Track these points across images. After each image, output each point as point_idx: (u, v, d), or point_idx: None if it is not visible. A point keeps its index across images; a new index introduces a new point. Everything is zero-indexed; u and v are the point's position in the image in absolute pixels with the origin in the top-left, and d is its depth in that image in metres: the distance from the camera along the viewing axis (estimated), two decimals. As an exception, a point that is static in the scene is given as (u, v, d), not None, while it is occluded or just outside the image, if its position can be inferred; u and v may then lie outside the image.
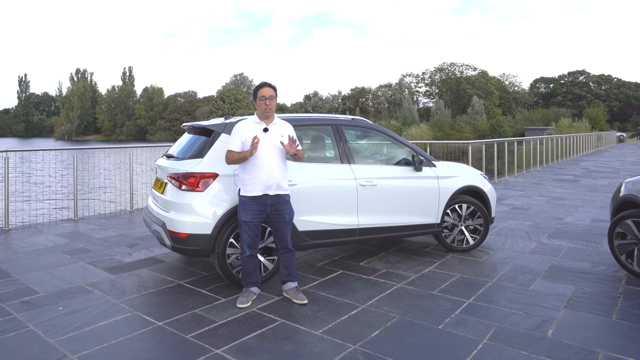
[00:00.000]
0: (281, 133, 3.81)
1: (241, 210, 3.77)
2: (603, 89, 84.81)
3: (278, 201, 3.78)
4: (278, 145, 3.77)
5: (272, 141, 3.77)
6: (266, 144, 3.74)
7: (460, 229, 5.32)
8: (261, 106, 3.78)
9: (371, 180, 4.73)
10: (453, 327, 3.31)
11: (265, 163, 3.72)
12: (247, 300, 3.77)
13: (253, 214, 3.73)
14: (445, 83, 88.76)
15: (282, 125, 3.89)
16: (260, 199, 3.73)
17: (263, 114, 3.82)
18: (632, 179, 4.73)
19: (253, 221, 3.73)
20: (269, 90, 3.81)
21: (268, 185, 3.73)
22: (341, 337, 3.15)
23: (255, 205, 3.73)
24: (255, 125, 3.82)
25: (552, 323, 3.35)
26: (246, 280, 3.87)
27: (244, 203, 3.76)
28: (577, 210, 8.00)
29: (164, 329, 3.32)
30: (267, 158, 3.73)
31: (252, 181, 3.73)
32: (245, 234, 3.75)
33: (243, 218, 3.74)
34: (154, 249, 5.52)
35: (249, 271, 3.83)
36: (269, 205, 3.76)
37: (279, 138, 3.77)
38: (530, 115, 58.44)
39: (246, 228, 3.74)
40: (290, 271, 3.90)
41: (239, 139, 3.77)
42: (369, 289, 4.10)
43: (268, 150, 3.74)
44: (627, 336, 3.15)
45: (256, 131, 3.77)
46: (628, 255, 4.45)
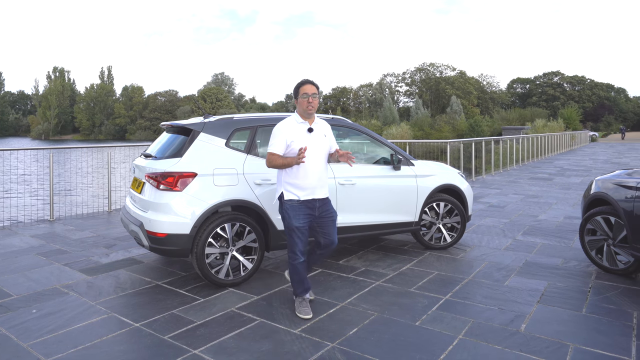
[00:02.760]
0: (324, 133, 3.62)
1: (292, 216, 3.50)
2: (577, 89, 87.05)
3: (324, 202, 3.59)
4: (323, 147, 3.58)
5: (317, 142, 3.55)
6: (312, 146, 3.49)
7: (437, 227, 5.40)
8: (303, 104, 3.52)
9: (350, 179, 4.77)
10: (430, 323, 3.37)
11: (314, 166, 3.50)
12: (310, 309, 3.55)
13: (304, 218, 3.51)
14: (425, 83, 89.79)
15: (322, 124, 3.69)
16: (310, 202, 3.53)
17: (305, 112, 3.54)
18: (602, 177, 4.88)
19: (304, 226, 3.52)
20: (311, 88, 3.55)
21: (317, 189, 3.54)
22: (319, 336, 3.17)
23: (306, 209, 3.51)
24: (298, 125, 3.55)
25: (525, 318, 3.44)
26: (301, 288, 3.62)
27: (294, 208, 3.50)
28: (551, 208, 8.21)
29: (141, 330, 3.29)
30: (315, 160, 3.50)
31: (301, 185, 3.49)
32: (299, 240, 3.52)
33: (295, 224, 3.49)
34: (132, 249, 5.45)
35: (302, 278, 3.60)
36: (317, 208, 3.55)
37: (322, 138, 3.58)
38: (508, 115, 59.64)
39: (299, 234, 3.51)
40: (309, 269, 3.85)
41: (283, 141, 3.48)
42: (348, 287, 4.13)
43: (315, 152, 3.50)
44: (596, 329, 3.25)
45: (300, 131, 3.52)
46: (598, 251, 4.59)
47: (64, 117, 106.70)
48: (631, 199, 4.13)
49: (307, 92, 3.53)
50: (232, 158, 4.34)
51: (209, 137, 4.34)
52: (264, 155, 4.54)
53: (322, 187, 3.57)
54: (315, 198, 3.53)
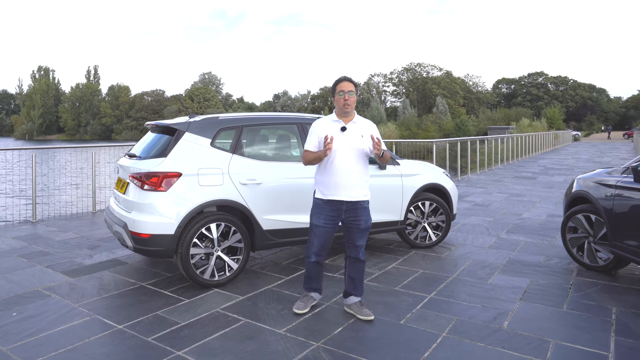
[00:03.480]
0: (361, 133, 3.43)
1: (314, 213, 3.49)
2: (560, 89, 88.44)
3: (354, 207, 3.41)
4: (357, 146, 3.40)
5: (351, 141, 3.39)
6: (343, 145, 3.37)
7: (423, 226, 5.44)
8: (340, 101, 3.41)
9: (336, 178, 4.77)
10: (414, 321, 3.39)
11: (342, 165, 3.36)
12: (306, 305, 3.55)
13: (326, 218, 3.42)
14: (412, 83, 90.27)
15: (363, 123, 3.54)
16: (335, 203, 3.40)
17: (342, 111, 3.44)
18: (583, 176, 4.96)
19: (325, 226, 3.42)
20: (348, 85, 3.42)
21: (343, 190, 3.38)
22: (304, 335, 3.17)
23: (329, 210, 3.41)
24: (332, 124, 3.46)
25: (508, 315, 3.48)
26: (307, 285, 3.63)
27: (318, 206, 3.47)
28: (534, 206, 8.32)
29: (124, 332, 3.26)
30: (344, 160, 3.37)
31: (327, 184, 3.40)
32: (315, 239, 3.47)
33: (314, 222, 3.46)
34: (116, 250, 5.39)
35: (312, 277, 3.59)
36: (344, 211, 3.42)
37: (358, 138, 3.41)
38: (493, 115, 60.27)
39: (316, 232, 3.45)
40: (355, 284, 3.51)
41: (316, 138, 3.43)
42: (334, 287, 4.14)
43: (345, 151, 3.37)
44: (576, 325, 3.31)
45: (333, 130, 3.40)
46: (579, 249, 4.67)
47: (49, 116, 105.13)
48: (611, 197, 4.21)
49: (343, 89, 3.41)
50: (217, 158, 4.32)
51: (194, 137, 4.32)
52: (250, 155, 4.54)
53: (353, 188, 3.39)
54: (341, 200, 3.39)
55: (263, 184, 4.40)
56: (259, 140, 4.80)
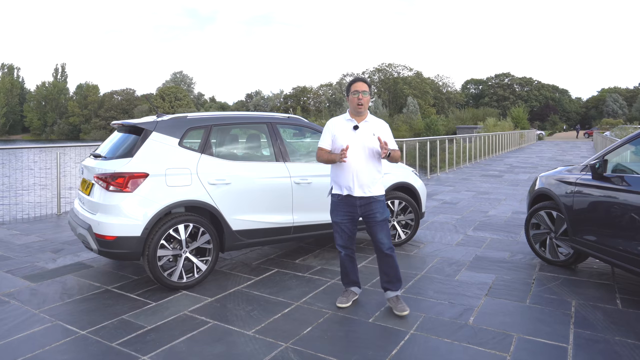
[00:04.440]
0: (372, 132, 3.54)
1: (332, 210, 3.64)
2: (525, 90, 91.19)
3: (368, 202, 3.52)
4: (369, 145, 3.50)
5: (362, 140, 3.51)
6: (355, 143, 3.48)
7: (392, 224, 5.50)
8: (353, 101, 3.54)
9: (306, 178, 4.78)
10: (383, 319, 3.43)
11: (353, 163, 3.47)
12: (347, 300, 3.66)
13: (343, 215, 3.56)
14: (384, 83, 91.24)
15: (375, 123, 3.64)
16: (348, 199, 3.52)
17: (355, 110, 3.56)
18: (546, 174, 5.12)
19: (343, 222, 3.57)
20: (362, 85, 3.55)
21: (356, 187, 3.48)
22: (273, 336, 3.16)
23: (344, 206, 3.55)
24: (346, 123, 3.58)
25: (473, 311, 3.56)
26: (345, 280, 3.76)
27: (333, 203, 3.63)
28: (500, 204, 8.55)
29: (87, 337, 3.16)
30: (355, 158, 3.47)
31: (341, 181, 3.54)
32: (337, 235, 3.64)
33: (334, 218, 3.63)
34: (81, 253, 5.24)
35: (346, 271, 3.71)
36: (359, 206, 3.53)
37: (369, 137, 3.51)
38: (462, 115, 61.58)
39: (337, 229, 3.62)
40: (390, 278, 3.57)
41: (329, 136, 3.57)
42: (303, 287, 4.14)
43: (357, 149, 3.48)
44: (538, 319, 3.41)
45: (346, 128, 3.54)
46: (542, 244, 4.83)
47: (12, 116, 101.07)
48: (571, 194, 4.36)
49: (357, 89, 3.54)
50: (185, 158, 4.26)
51: (161, 137, 4.24)
52: (219, 155, 4.49)
53: (365, 185, 3.49)
54: (354, 195, 3.50)
55: (232, 184, 4.36)
56: (228, 139, 4.75)
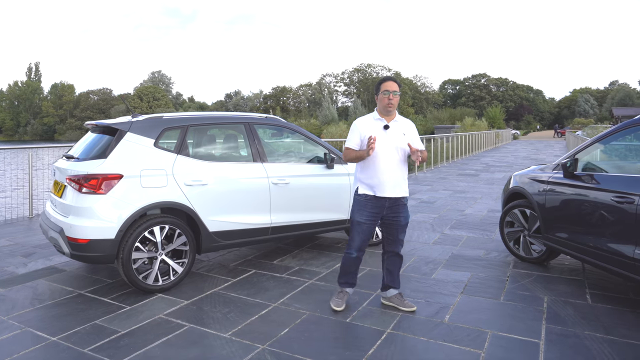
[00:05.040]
0: (403, 131, 3.50)
1: (356, 210, 3.52)
2: (501, 90, 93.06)
3: (396, 204, 3.49)
4: (400, 145, 3.45)
5: (393, 140, 3.45)
6: (386, 143, 3.42)
7: (370, 224, 5.53)
8: (384, 100, 3.44)
9: (284, 178, 4.77)
10: (360, 319, 3.44)
11: (385, 164, 3.41)
12: (343, 301, 3.59)
13: (368, 215, 3.47)
14: (363, 83, 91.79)
15: (404, 122, 3.59)
16: (378, 200, 3.45)
17: (385, 110, 3.47)
18: (519, 172, 5.23)
19: (367, 223, 3.48)
20: (393, 85, 3.45)
21: (387, 187, 3.43)
22: (250, 338, 3.13)
23: (372, 207, 3.46)
24: (375, 122, 3.49)
25: (449, 309, 3.61)
26: (343, 279, 3.64)
27: (360, 203, 3.50)
28: (476, 202, 8.69)
29: (58, 344, 3.08)
30: (387, 158, 3.42)
31: (370, 182, 3.44)
32: (357, 236, 3.51)
33: (357, 218, 3.50)
34: (53, 257, 5.10)
35: (350, 271, 3.61)
36: (386, 208, 3.49)
37: (400, 137, 3.46)
38: (440, 115, 62.36)
39: (359, 229, 3.50)
40: (394, 277, 3.66)
41: (358, 136, 3.47)
42: (281, 287, 4.13)
43: (388, 149, 3.42)
44: (512, 315, 3.48)
45: (376, 128, 3.45)
46: (515, 242, 4.93)
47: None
48: (543, 192, 4.47)
49: (388, 89, 3.44)
50: (161, 158, 4.20)
51: (136, 137, 4.17)
52: (196, 156, 4.44)
53: (395, 186, 3.45)
54: (384, 196, 3.44)
55: (209, 185, 4.32)
56: (205, 140, 4.70)
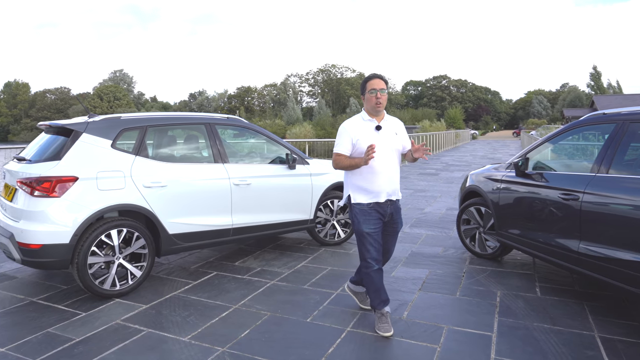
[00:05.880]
0: (395, 131, 3.32)
1: (362, 222, 3.23)
2: (460, 92, 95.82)
3: (396, 209, 3.35)
4: (393, 146, 3.28)
5: (387, 141, 3.26)
6: (382, 144, 3.21)
7: (332, 224, 5.59)
8: (371, 100, 3.22)
9: (245, 179, 4.75)
10: (320, 318, 3.48)
11: (383, 166, 3.21)
12: (389, 324, 3.24)
13: (375, 223, 3.24)
14: (327, 84, 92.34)
15: (394, 122, 3.41)
16: (382, 206, 3.26)
17: (373, 109, 3.25)
18: (475, 172, 5.42)
19: (376, 232, 3.24)
20: (380, 83, 3.24)
21: (388, 191, 3.26)
22: (210, 341, 3.11)
23: (376, 213, 3.25)
24: (365, 123, 3.26)
25: (407, 306, 3.70)
26: (377, 300, 3.27)
27: (365, 212, 3.23)
28: (435, 201, 8.93)
29: (6, 355, 2.96)
30: (385, 160, 3.21)
31: (370, 188, 3.22)
32: (371, 247, 3.23)
33: (365, 230, 3.21)
34: (3, 264, 4.88)
35: (378, 288, 3.27)
36: (389, 213, 3.30)
37: (393, 137, 3.29)
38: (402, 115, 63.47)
39: (371, 240, 3.22)
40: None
41: (349, 140, 3.21)
42: (242, 289, 4.11)
43: (384, 151, 3.22)
44: (467, 310, 3.61)
45: (367, 130, 3.23)
46: (471, 239, 5.10)
47: None
48: (497, 191, 4.65)
49: (375, 87, 3.22)
50: (118, 160, 4.10)
51: (92, 138, 4.06)
52: (155, 157, 4.36)
53: (394, 188, 3.30)
54: (388, 199, 3.28)
55: (169, 187, 4.26)
56: (165, 141, 4.63)
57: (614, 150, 3.48)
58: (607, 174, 3.43)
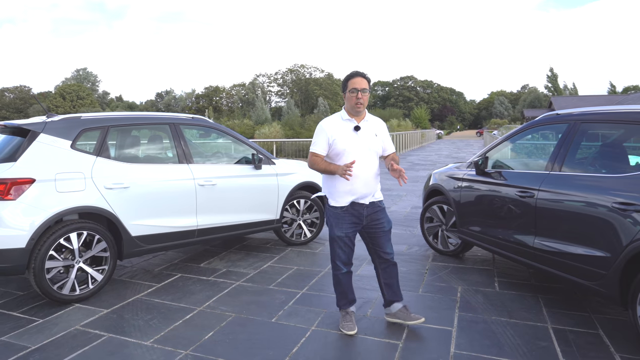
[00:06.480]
0: (375, 132, 3.22)
1: (334, 225, 3.20)
2: (427, 92, 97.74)
3: (374, 210, 3.23)
4: (372, 147, 3.18)
5: (365, 142, 3.15)
6: (359, 146, 3.12)
7: (298, 223, 5.62)
8: (351, 100, 3.11)
9: (210, 179, 4.71)
10: (285, 318, 3.49)
11: (360, 169, 3.10)
12: (353, 323, 3.26)
13: (348, 227, 3.18)
14: (296, 84, 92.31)
15: (375, 122, 3.30)
16: (356, 208, 3.17)
17: (353, 109, 3.14)
18: (438, 170, 5.55)
19: (348, 235, 3.19)
20: (361, 82, 3.12)
21: (364, 194, 3.16)
22: (173, 344, 3.07)
23: (350, 217, 3.17)
24: (343, 123, 3.16)
25: (371, 303, 3.76)
26: (344, 300, 3.30)
27: (337, 215, 3.18)
28: (401, 199, 9.09)
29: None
30: (362, 163, 3.10)
31: (344, 190, 3.12)
32: (340, 250, 3.21)
33: (337, 233, 3.18)
34: (-49, 271, 4.65)
35: (345, 290, 3.29)
36: (365, 216, 3.20)
37: (372, 138, 3.18)
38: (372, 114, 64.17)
39: (341, 244, 3.20)
40: (394, 290, 3.34)
41: (325, 140, 3.12)
42: (207, 290, 4.08)
43: (362, 153, 3.11)
44: (429, 306, 3.70)
45: (345, 130, 3.13)
46: (434, 236, 5.23)
47: None
48: (458, 189, 4.78)
49: (356, 86, 3.11)
50: (79, 161, 4.00)
51: (50, 139, 3.95)
52: (117, 157, 4.28)
53: (370, 191, 3.19)
54: (362, 203, 3.18)
55: (131, 188, 4.18)
56: (127, 141, 4.54)
57: (567, 149, 3.64)
58: (560, 172, 3.59)
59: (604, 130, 3.92)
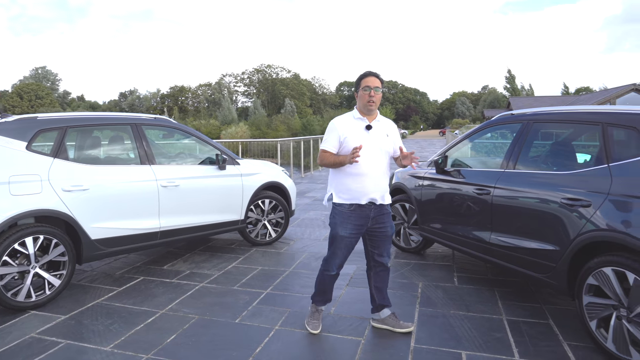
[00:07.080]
0: (386, 132, 3.17)
1: (338, 223, 3.12)
2: (391, 92, 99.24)
3: (381, 212, 3.16)
4: (384, 147, 3.13)
5: (377, 141, 3.10)
6: (370, 145, 3.07)
7: (263, 224, 5.62)
8: (364, 97, 3.09)
9: (173, 180, 4.65)
10: (249, 318, 3.50)
11: (370, 168, 3.07)
12: (319, 322, 3.30)
13: (353, 228, 3.10)
14: (263, 84, 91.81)
15: (386, 123, 3.26)
16: (364, 209, 3.10)
17: (365, 108, 3.11)
18: (400, 170, 5.66)
19: (351, 237, 3.12)
20: (374, 80, 3.11)
21: (373, 194, 3.10)
22: (134, 349, 3.02)
23: (357, 218, 3.11)
24: (355, 122, 3.12)
25: (335, 301, 3.81)
26: (320, 298, 3.33)
27: (343, 215, 3.10)
28: (367, 199, 9.19)
29: None
30: (372, 162, 3.07)
31: (354, 189, 3.07)
32: (340, 252, 3.14)
33: (340, 232, 3.10)
34: None
35: (326, 290, 3.30)
36: (371, 218, 3.14)
37: (383, 138, 3.14)
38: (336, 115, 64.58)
39: (342, 245, 3.13)
40: (384, 294, 3.34)
41: (336, 138, 3.08)
42: (170, 293, 4.03)
43: (373, 152, 3.08)
44: (391, 302, 3.76)
45: (357, 128, 3.09)
46: (397, 234, 5.34)
47: None
48: (419, 187, 4.90)
49: (369, 85, 3.09)
50: (34, 163, 3.87)
51: (4, 140, 3.81)
52: (76, 159, 4.17)
53: (380, 192, 3.13)
54: (372, 203, 3.13)
55: (91, 190, 4.08)
56: (87, 142, 4.42)
57: (520, 147, 3.81)
58: (514, 169, 3.75)
59: (555, 129, 4.12)
